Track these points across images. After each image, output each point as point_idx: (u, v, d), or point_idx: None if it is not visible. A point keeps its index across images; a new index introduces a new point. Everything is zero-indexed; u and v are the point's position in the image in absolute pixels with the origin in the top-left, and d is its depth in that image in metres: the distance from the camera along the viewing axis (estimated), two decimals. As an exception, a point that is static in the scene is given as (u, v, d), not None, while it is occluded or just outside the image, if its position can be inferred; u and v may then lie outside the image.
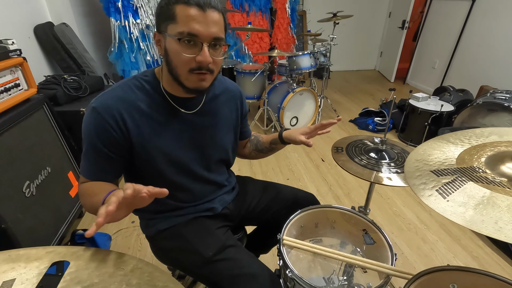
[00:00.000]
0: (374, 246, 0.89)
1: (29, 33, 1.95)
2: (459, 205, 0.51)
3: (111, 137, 0.74)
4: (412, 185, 0.60)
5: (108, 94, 0.75)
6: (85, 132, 0.74)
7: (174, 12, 0.67)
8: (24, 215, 1.31)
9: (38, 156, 1.47)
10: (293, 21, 4.18)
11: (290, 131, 0.99)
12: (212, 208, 0.94)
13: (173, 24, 0.68)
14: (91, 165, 0.77)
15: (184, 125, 0.83)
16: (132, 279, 0.43)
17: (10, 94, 1.39)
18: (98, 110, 0.72)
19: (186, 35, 0.67)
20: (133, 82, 0.78)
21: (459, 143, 0.69)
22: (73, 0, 2.48)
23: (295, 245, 0.87)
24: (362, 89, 4.48)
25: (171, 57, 0.71)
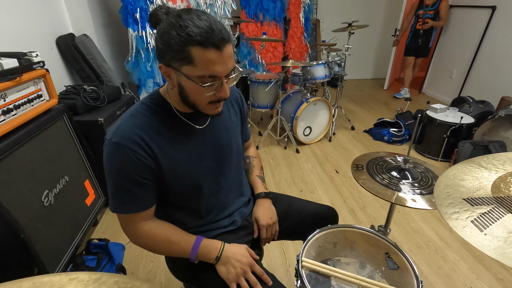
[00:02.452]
0: (397, 271, 0.85)
1: (51, 44, 2.01)
2: (498, 240, 0.48)
3: (143, 165, 0.72)
4: (444, 213, 0.57)
5: (125, 125, 0.73)
6: (112, 168, 0.72)
7: (190, 54, 0.64)
8: (42, 224, 1.32)
9: (57, 165, 1.49)
10: (306, 30, 4.18)
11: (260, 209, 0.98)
12: (233, 222, 0.94)
13: (190, 67, 0.65)
14: (131, 198, 0.75)
15: (201, 139, 0.83)
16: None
17: (33, 105, 1.42)
18: (122, 143, 0.70)
19: (208, 78, 0.67)
20: (144, 108, 0.76)
21: (492, 168, 0.65)
22: (94, 12, 2.55)
23: (314, 268, 0.84)
24: (376, 98, 4.41)
25: (188, 93, 0.71)
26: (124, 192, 0.74)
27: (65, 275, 0.46)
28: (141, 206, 0.77)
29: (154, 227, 0.80)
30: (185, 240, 0.81)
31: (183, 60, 0.65)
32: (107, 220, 1.92)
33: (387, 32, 5.16)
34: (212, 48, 0.63)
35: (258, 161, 1.10)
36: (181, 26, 0.63)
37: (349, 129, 3.33)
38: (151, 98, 0.78)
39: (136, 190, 0.74)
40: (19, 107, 1.33)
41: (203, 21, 0.63)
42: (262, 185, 1.04)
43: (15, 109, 1.30)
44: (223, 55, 0.66)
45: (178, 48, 0.63)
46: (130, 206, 0.76)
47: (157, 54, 0.69)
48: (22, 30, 1.74)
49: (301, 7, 3.91)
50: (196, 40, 0.62)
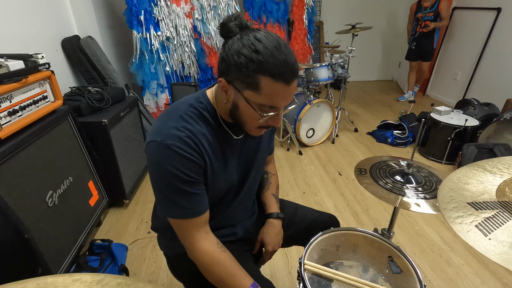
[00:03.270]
0: (400, 275, 0.85)
1: (57, 46, 2.03)
2: (503, 245, 0.48)
3: (196, 165, 0.70)
4: (448, 217, 0.57)
5: (174, 127, 0.69)
6: (163, 171, 0.68)
7: (258, 82, 0.62)
8: (46, 225, 1.33)
9: (61, 166, 1.51)
10: (310, 32, 4.18)
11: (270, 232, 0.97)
12: (234, 233, 0.93)
13: (253, 93, 0.64)
14: (185, 200, 0.71)
15: (236, 150, 0.82)
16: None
17: (38, 106, 1.44)
18: (174, 145, 0.66)
19: (268, 108, 0.66)
20: (192, 111, 0.72)
21: (497, 172, 0.65)
22: (99, 14, 2.57)
23: (317, 271, 0.84)
24: (380, 100, 4.40)
25: (241, 114, 0.69)
26: (177, 194, 0.70)
27: (68, 276, 0.46)
28: (199, 208, 0.73)
29: (211, 253, 0.74)
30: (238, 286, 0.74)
31: (248, 85, 0.63)
32: (110, 221, 1.93)
33: (392, 33, 5.15)
34: (282, 82, 0.62)
35: (275, 179, 1.08)
36: (257, 52, 0.60)
37: (352, 131, 3.32)
38: (199, 101, 0.75)
39: (190, 190, 0.71)
40: (24, 109, 1.34)
41: (281, 53, 0.61)
42: (276, 205, 1.01)
43: (20, 110, 1.32)
44: (290, 90, 0.65)
45: (248, 72, 0.62)
46: (189, 211, 0.72)
47: (220, 67, 0.67)
48: (28, 32, 1.77)
49: (305, 9, 3.91)
50: (269, 71, 0.61)
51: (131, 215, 1.98)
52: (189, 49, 3.13)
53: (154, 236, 1.80)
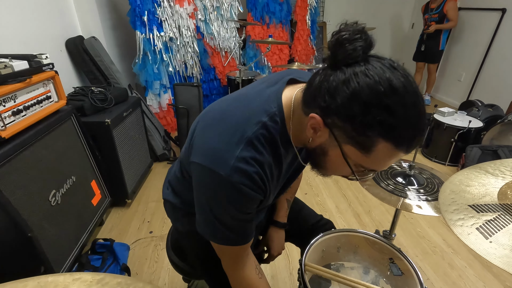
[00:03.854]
0: (401, 277, 0.84)
1: (61, 46, 2.05)
2: (504, 248, 0.47)
3: (259, 201, 0.63)
4: (449, 220, 0.57)
5: (243, 157, 0.54)
6: (223, 206, 0.59)
7: (372, 145, 0.47)
8: (49, 224, 1.34)
9: (64, 166, 1.52)
10: (313, 32, 4.18)
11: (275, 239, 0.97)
12: None
13: (359, 152, 0.49)
14: (239, 231, 0.64)
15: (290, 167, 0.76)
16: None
17: (42, 106, 1.45)
18: (243, 183, 0.55)
19: (367, 170, 0.53)
20: (264, 135, 0.57)
21: (499, 174, 0.64)
22: (102, 15, 2.59)
23: (317, 272, 0.84)
24: (383, 101, 4.37)
25: (326, 161, 0.56)
26: (233, 226, 0.63)
27: (69, 275, 0.47)
28: (248, 239, 0.67)
29: (254, 279, 0.71)
30: None
31: (356, 143, 0.48)
32: (112, 221, 1.94)
33: (395, 34, 5.13)
34: (403, 152, 0.48)
35: (296, 184, 1.03)
36: (389, 110, 0.44)
37: (355, 132, 3.30)
38: (274, 120, 0.58)
39: (246, 223, 0.65)
40: (28, 108, 1.35)
41: (418, 117, 0.46)
42: (285, 212, 0.98)
43: (24, 110, 1.33)
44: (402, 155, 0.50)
45: (363, 130, 0.46)
46: (237, 240, 0.65)
47: (317, 97, 0.50)
48: (33, 33, 1.78)
49: (308, 10, 3.91)
50: (395, 139, 0.46)
51: (133, 214, 1.99)
52: (192, 50, 3.14)
53: (156, 236, 1.81)
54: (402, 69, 0.48)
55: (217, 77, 3.63)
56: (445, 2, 3.53)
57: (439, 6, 3.60)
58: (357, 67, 0.46)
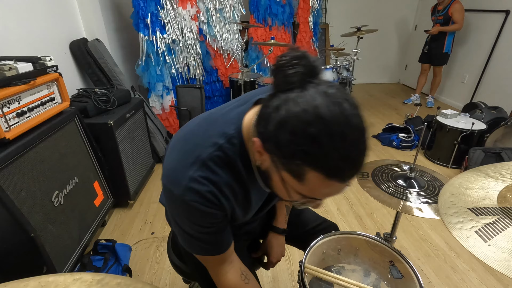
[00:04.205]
0: (402, 280, 0.84)
1: (65, 48, 2.07)
2: (503, 252, 0.47)
3: (219, 216, 0.62)
4: (448, 223, 0.56)
5: (194, 178, 0.56)
6: (186, 221, 0.62)
7: (303, 174, 0.46)
8: (52, 224, 1.36)
9: (67, 167, 1.53)
10: (315, 34, 4.18)
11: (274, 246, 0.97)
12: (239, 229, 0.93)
13: (295, 180, 0.48)
14: (214, 243, 0.66)
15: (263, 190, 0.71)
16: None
17: (46, 107, 1.47)
18: (194, 201, 0.56)
19: (308, 198, 0.51)
20: (220, 157, 0.57)
21: (499, 177, 0.64)
22: (106, 17, 2.62)
23: (317, 274, 0.84)
24: (385, 103, 4.37)
25: (274, 188, 0.57)
26: (202, 241, 0.65)
27: (69, 276, 0.48)
28: (226, 244, 0.69)
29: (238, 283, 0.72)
30: None
31: (290, 170, 0.47)
32: (114, 221, 1.95)
33: (398, 36, 5.12)
34: (336, 181, 0.46)
35: None
36: (312, 138, 0.42)
37: (357, 134, 3.29)
38: (231, 143, 0.58)
39: (214, 236, 0.65)
40: (32, 110, 1.37)
41: (346, 142, 0.43)
42: (284, 218, 0.98)
43: (28, 111, 1.34)
44: (344, 185, 0.48)
45: (291, 158, 0.45)
46: (217, 250, 0.67)
47: (258, 122, 0.51)
48: (37, 35, 1.80)
49: (310, 12, 3.91)
50: (323, 168, 0.44)
51: (135, 215, 2.00)
52: (194, 52, 3.15)
53: (157, 237, 1.82)
54: (340, 95, 0.45)
55: (220, 79, 3.64)
56: (451, 4, 3.51)
57: (445, 8, 3.59)
58: (290, 94, 0.45)
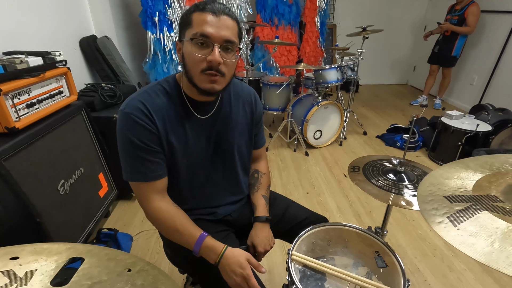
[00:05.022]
0: (388, 270, 0.86)
1: (75, 45, 2.15)
2: (470, 235, 0.49)
3: (149, 132, 0.78)
4: (423, 209, 0.59)
5: (136, 99, 0.79)
6: (123, 136, 0.77)
7: (191, 19, 0.74)
8: (57, 212, 1.42)
9: (73, 157, 1.59)
10: (322, 34, 4.19)
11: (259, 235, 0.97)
12: (213, 213, 0.97)
13: (189, 29, 0.74)
14: (142, 166, 0.79)
15: (201, 129, 0.87)
16: (137, 280, 0.46)
17: (54, 100, 1.53)
18: (130, 112, 0.76)
19: (199, 36, 0.72)
20: (158, 88, 0.83)
21: (479, 169, 0.66)
22: (115, 15, 2.69)
23: (304, 262, 0.86)
24: (392, 104, 4.34)
25: (186, 60, 0.77)
26: (136, 159, 0.78)
27: (63, 245, 0.52)
28: (153, 174, 0.80)
29: (165, 209, 0.83)
30: (190, 233, 0.82)
31: (186, 26, 0.75)
32: (118, 213, 2.01)
33: (407, 37, 5.08)
34: (208, 12, 0.73)
35: (266, 178, 1.08)
36: (194, 4, 0.75)
37: (361, 134, 3.29)
38: (166, 80, 0.85)
39: (146, 157, 0.78)
40: (41, 102, 1.44)
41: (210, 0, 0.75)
42: (265, 207, 1.01)
43: (38, 103, 1.41)
44: (218, 20, 0.73)
45: (185, 17, 0.76)
46: (142, 175, 0.79)
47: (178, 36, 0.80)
48: (49, 31, 1.88)
49: (317, 12, 3.92)
50: (198, 8, 0.74)
51: (138, 207, 2.06)
52: (201, 50, 3.21)
53: (158, 229, 1.86)
54: None
55: (225, 77, 3.69)
56: (469, 6, 3.45)
57: (462, 8, 3.53)
58: None
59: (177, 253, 0.98)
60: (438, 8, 4.36)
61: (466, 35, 3.63)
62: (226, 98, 0.92)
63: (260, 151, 1.09)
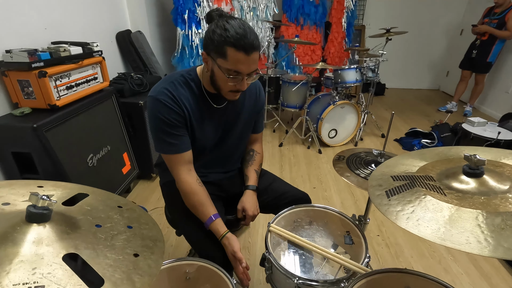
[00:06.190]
0: (355, 247, 0.94)
1: (112, 38, 2.41)
2: (395, 207, 0.58)
3: (176, 114, 0.93)
4: (370, 186, 0.67)
5: (164, 87, 0.93)
6: (155, 117, 0.93)
7: (225, 52, 0.82)
8: (84, 180, 1.64)
9: (102, 136, 1.82)
10: (348, 35, 4.18)
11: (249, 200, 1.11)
12: (205, 176, 1.12)
13: (223, 60, 0.84)
14: (171, 140, 0.95)
15: (215, 116, 1.04)
16: (125, 213, 0.61)
17: (89, 84, 1.77)
18: (158, 96, 0.92)
19: (233, 72, 0.85)
20: (182, 80, 0.97)
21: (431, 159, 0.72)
22: (150, 12, 2.94)
23: (281, 233, 0.97)
24: (417, 109, 4.22)
25: (216, 79, 0.90)
26: (166, 134, 0.94)
27: (75, 185, 0.68)
28: (181, 147, 0.97)
29: (189, 184, 0.99)
30: (203, 212, 0.99)
31: (219, 54, 0.84)
32: (138, 190, 2.24)
33: (442, 40, 4.88)
34: (242, 51, 0.82)
35: (260, 157, 1.23)
36: (225, 29, 0.82)
37: (378, 136, 3.27)
38: (188, 73, 0.99)
39: (175, 132, 0.94)
40: (79, 85, 1.67)
41: (241, 29, 0.82)
42: (255, 179, 1.16)
43: (75, 86, 1.64)
44: (249, 59, 0.84)
45: (218, 44, 0.83)
46: (172, 148, 0.96)
47: (203, 44, 0.90)
48: (90, 25, 2.14)
49: (344, 13, 3.94)
50: (232, 43, 0.81)
51: (156, 187, 2.27)
52: (226, 47, 3.38)
53: (171, 207, 2.05)
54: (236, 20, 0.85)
55: (249, 74, 3.83)
56: (510, 10, 3.29)
57: (502, 12, 3.36)
58: (214, 22, 0.86)
59: (175, 217, 1.15)
60: (477, 11, 4.15)
61: (504, 40, 3.45)
62: None
63: (257, 135, 1.25)
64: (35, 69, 1.39)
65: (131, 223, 0.58)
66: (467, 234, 0.46)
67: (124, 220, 0.58)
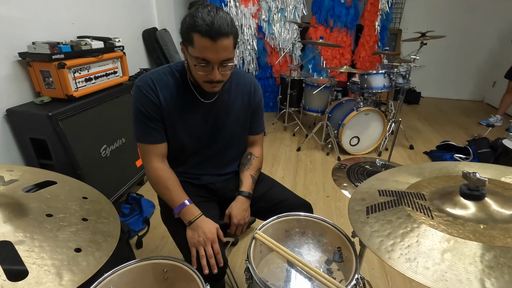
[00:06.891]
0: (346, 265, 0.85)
1: (138, 35, 2.50)
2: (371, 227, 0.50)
3: (153, 103, 0.93)
4: (353, 198, 0.59)
5: (148, 76, 0.95)
6: (134, 105, 0.94)
7: (192, 38, 0.81)
8: (96, 171, 1.70)
9: (117, 128, 1.88)
10: (382, 39, 3.96)
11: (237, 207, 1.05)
12: (198, 178, 1.09)
13: (191, 48, 0.83)
14: (147, 131, 0.95)
15: (202, 112, 1.00)
16: (86, 205, 0.60)
17: (109, 78, 1.84)
18: (141, 86, 0.92)
19: (201, 60, 0.83)
20: (168, 70, 0.97)
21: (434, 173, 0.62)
22: (177, 11, 3.02)
23: (266, 242, 0.91)
24: (455, 120, 3.88)
25: (191, 69, 0.89)
26: (142, 124, 0.95)
27: (50, 172, 0.68)
28: (154, 138, 0.97)
29: (162, 169, 0.99)
30: (177, 195, 0.97)
31: (188, 42, 0.83)
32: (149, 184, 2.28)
33: (489, 49, 4.45)
34: (207, 38, 0.78)
35: (258, 161, 1.15)
36: (192, 16, 0.79)
37: (406, 148, 3.05)
38: (176, 65, 0.99)
39: (150, 124, 0.94)
40: (98, 78, 1.74)
41: (209, 16, 0.78)
42: (250, 185, 1.09)
43: (94, 79, 1.71)
44: (216, 46, 0.80)
45: (186, 31, 0.82)
46: (146, 138, 0.96)
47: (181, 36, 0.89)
48: (118, 22, 2.24)
49: (378, 15, 3.73)
50: (197, 29, 0.78)
51: (168, 182, 2.30)
52: (251, 47, 3.36)
53: (179, 203, 2.06)
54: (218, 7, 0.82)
55: (273, 76, 3.78)
56: None
57: None
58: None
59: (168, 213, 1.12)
60: (533, 15, 3.73)
61: None
62: (227, 87, 1.03)
63: (256, 137, 1.17)
64: (55, 61, 1.47)
65: (89, 215, 0.56)
66: (445, 270, 0.37)
67: (82, 212, 0.56)
